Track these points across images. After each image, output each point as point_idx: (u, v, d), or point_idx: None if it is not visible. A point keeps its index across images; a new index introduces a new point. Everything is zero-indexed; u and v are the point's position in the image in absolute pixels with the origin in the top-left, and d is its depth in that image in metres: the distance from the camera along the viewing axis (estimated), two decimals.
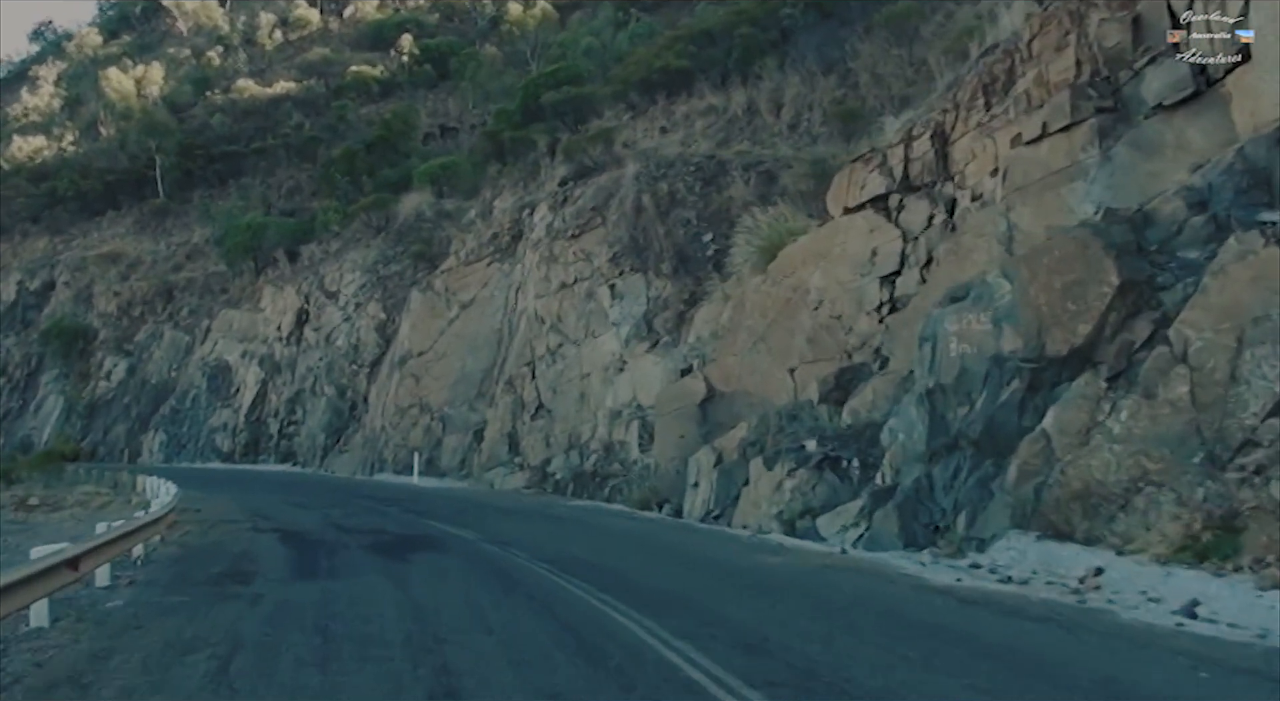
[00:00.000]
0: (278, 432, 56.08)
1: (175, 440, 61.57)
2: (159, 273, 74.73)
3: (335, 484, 39.60)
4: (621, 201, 35.90)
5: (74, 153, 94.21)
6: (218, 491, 33.77)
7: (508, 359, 41.42)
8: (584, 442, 34.01)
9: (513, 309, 42.84)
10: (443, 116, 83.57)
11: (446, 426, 43.65)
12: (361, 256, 57.22)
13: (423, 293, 48.56)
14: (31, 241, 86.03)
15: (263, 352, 59.44)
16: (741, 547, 17.83)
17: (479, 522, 22.34)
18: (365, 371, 51.95)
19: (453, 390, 44.20)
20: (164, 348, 67.42)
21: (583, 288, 36.36)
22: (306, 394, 55.12)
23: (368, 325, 52.83)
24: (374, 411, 49.00)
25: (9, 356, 76.59)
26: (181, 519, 22.98)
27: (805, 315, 24.07)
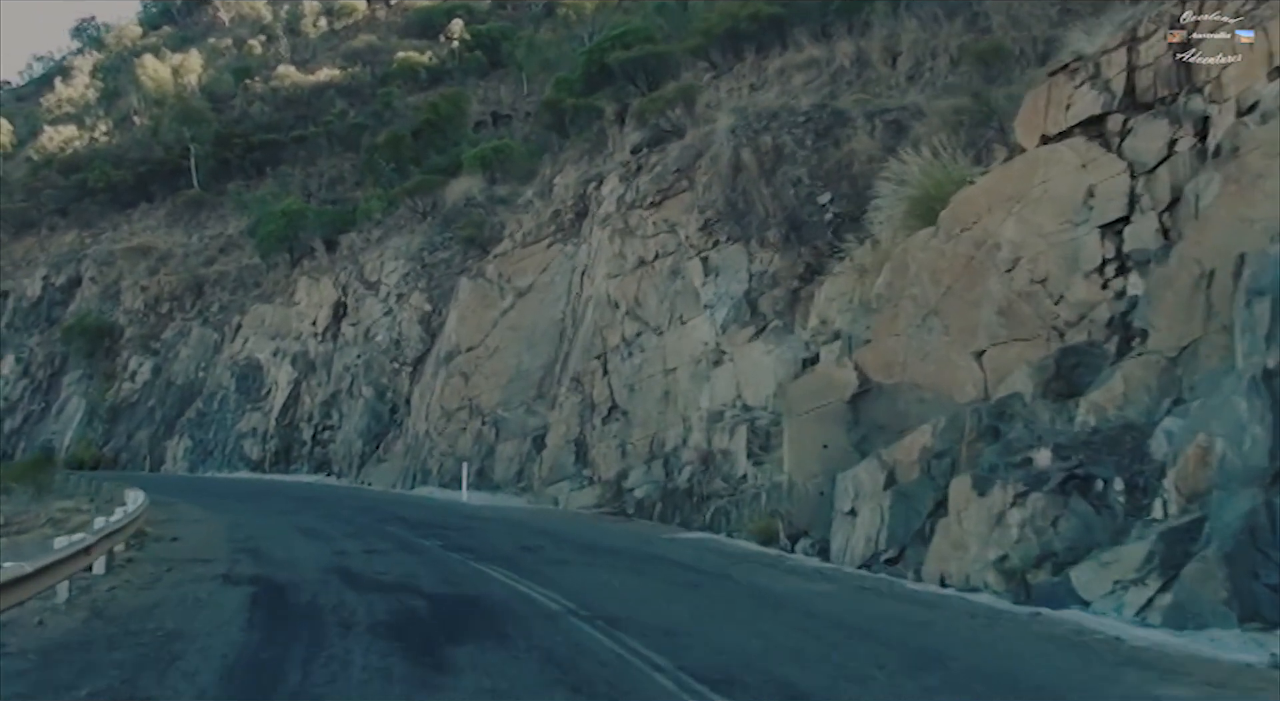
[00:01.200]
0: (311, 439, 50.19)
1: (201, 447, 55.86)
2: (190, 267, 69.34)
3: (369, 500, 33.44)
4: (714, 160, 29.60)
5: (106, 143, 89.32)
6: (225, 509, 27.91)
7: (572, 353, 35.25)
8: (669, 452, 27.72)
9: (577, 295, 36.69)
10: (494, 104, 77.79)
11: (500, 432, 37.51)
12: (405, 243, 51.31)
13: (473, 280, 42.49)
14: (59, 235, 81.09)
15: (296, 350, 53.63)
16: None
17: (558, 571, 15.99)
18: (407, 370, 45.93)
19: (507, 390, 38.07)
20: (191, 346, 61.83)
21: (666, 264, 30.10)
22: (343, 395, 49.21)
23: (411, 318, 46.82)
24: (417, 415, 42.97)
25: (32, 356, 71.45)
26: (143, 553, 17.05)
27: (994, 280, 17.63)
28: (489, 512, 27.95)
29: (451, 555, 17.72)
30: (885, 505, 15.80)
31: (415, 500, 33.39)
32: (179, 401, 59.46)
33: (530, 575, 15.07)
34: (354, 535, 21.12)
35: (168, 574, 15.16)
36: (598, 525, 24.22)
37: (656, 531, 22.40)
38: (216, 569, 15.76)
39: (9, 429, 69.02)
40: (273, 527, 22.44)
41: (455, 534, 21.40)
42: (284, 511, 27.06)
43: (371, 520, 24.75)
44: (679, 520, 23.95)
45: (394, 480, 41.94)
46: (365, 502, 31.58)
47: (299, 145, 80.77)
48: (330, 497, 33.56)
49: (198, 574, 15.26)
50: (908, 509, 15.53)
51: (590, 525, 24.25)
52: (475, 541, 19.98)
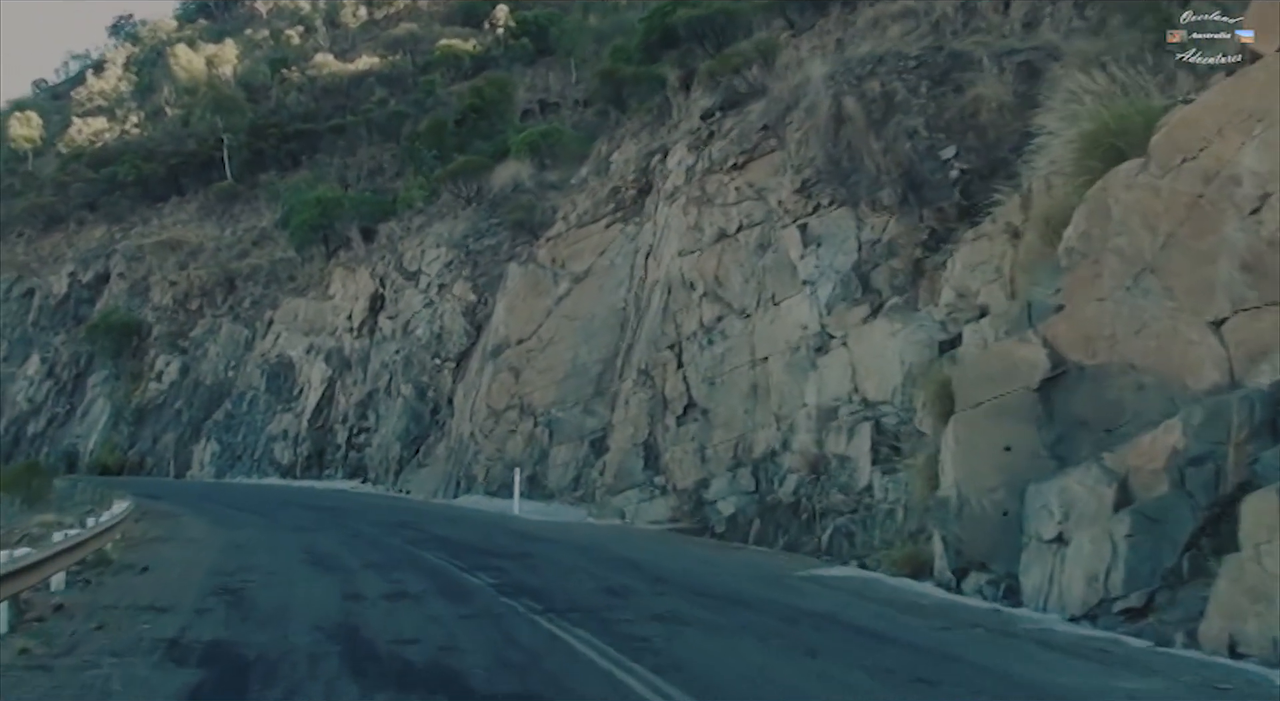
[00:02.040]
0: (345, 442, 46.08)
1: (229, 450, 51.93)
2: (221, 261, 65.58)
3: (405, 512, 29.10)
4: (810, 112, 25.07)
5: (137, 136, 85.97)
6: (234, 523, 23.89)
7: (636, 344, 30.86)
8: (760, 458, 23.27)
9: (641, 279, 32.29)
10: (542, 92, 73.67)
11: (554, 434, 33.17)
12: (448, 230, 47.15)
13: (523, 266, 38.20)
14: (87, 230, 77.66)
15: (330, 346, 49.58)
16: None
17: (675, 640, 10.73)
18: (450, 366, 41.68)
19: (562, 387, 33.73)
20: (220, 343, 57.95)
21: (752, 236, 25.63)
22: (380, 395, 45.06)
23: (454, 309, 42.59)
24: (461, 416, 38.70)
25: (56, 356, 67.89)
26: (86, 594, 12.88)
27: (1234, 224, 13.07)
28: (548, 530, 23.42)
29: (510, 605, 12.78)
30: (1118, 532, 11.24)
31: (459, 512, 28.98)
32: (207, 402, 55.59)
33: (635, 649, 10.05)
34: (379, 566, 16.70)
35: (95, 633, 10.70)
36: (689, 550, 19.54)
37: (772, 562, 17.63)
38: (167, 627, 11.08)
39: (32, 432, 65.56)
40: (279, 551, 18.18)
41: (511, 564, 16.89)
42: (301, 527, 22.77)
43: (404, 541, 20.36)
44: (784, 541, 19.47)
45: (435, 487, 37.71)
46: (401, 516, 27.22)
47: (337, 135, 76.89)
48: (361, 509, 29.27)
49: (136, 636, 10.66)
50: (1155, 537, 10.98)
51: (680, 550, 19.54)
52: (540, 579, 15.38)
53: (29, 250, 78.37)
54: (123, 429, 59.71)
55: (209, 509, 28.73)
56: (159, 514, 27.02)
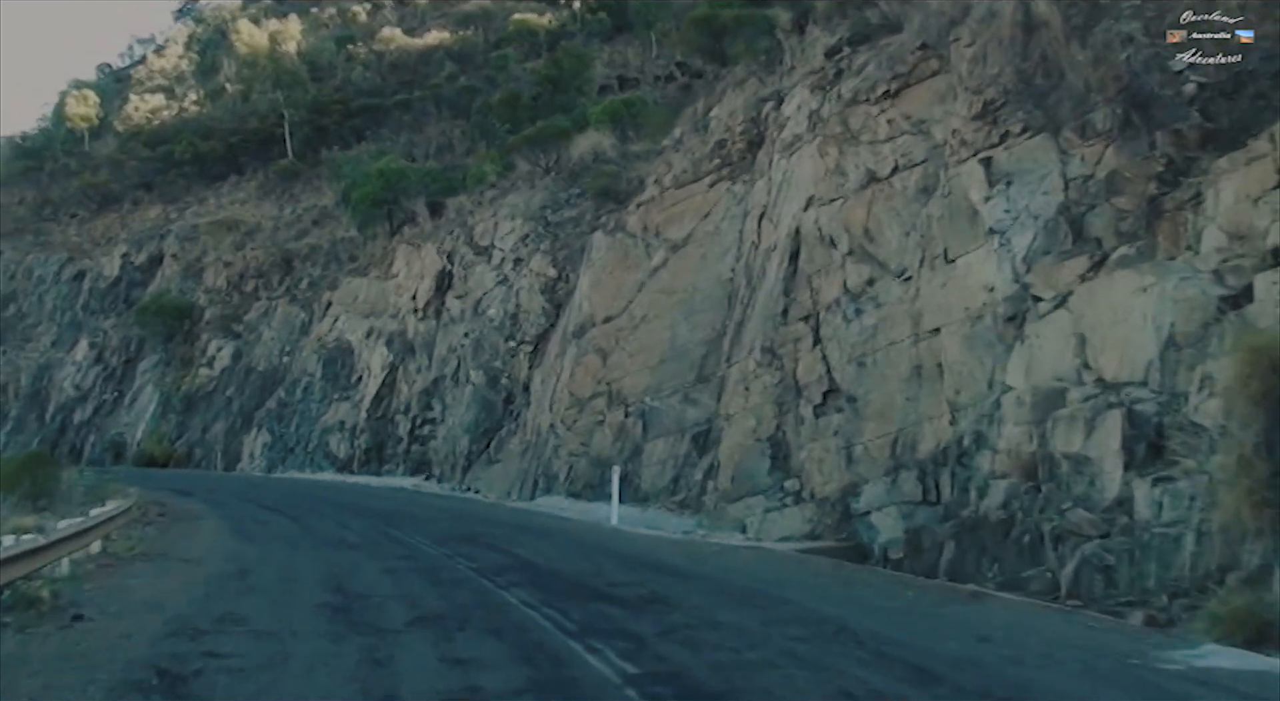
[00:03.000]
0: (408, 434, 41.46)
1: (281, 442, 47.58)
2: (279, 241, 61.43)
3: (474, 519, 23.93)
4: (988, 20, 19.84)
5: (196, 113, 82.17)
6: (257, 535, 19.33)
7: (748, 320, 25.90)
8: (930, 457, 18.20)
9: (754, 245, 27.28)
10: (620, 67, 68.87)
11: (649, 426, 28.25)
12: (523, 201, 42.41)
13: (610, 236, 33.31)
14: (142, 211, 74.05)
15: (392, 329, 45.02)
16: None
17: None
18: (526, 350, 36.89)
19: (658, 372, 28.81)
20: (275, 326, 53.66)
21: (912, 179, 20.51)
22: (446, 382, 40.39)
23: (531, 287, 37.79)
24: (539, 405, 33.91)
25: (105, 340, 64.09)
26: None
27: None
28: (665, 551, 17.94)
29: None
30: None
31: (542, 521, 23.76)
32: (259, 390, 51.30)
33: None
34: (437, 622, 11.08)
35: None
36: (888, 595, 14.01)
37: (1065, 626, 11.49)
38: None
39: (79, 420, 61.86)
40: (295, 586, 13.17)
41: (646, 626, 10.97)
42: (341, 541, 17.56)
43: (476, 569, 14.84)
44: (996, 575, 14.23)
45: (508, 487, 32.95)
46: (470, 525, 22.12)
47: (403, 110, 72.60)
48: (421, 514, 24.34)
49: None
50: None
51: (883, 597, 13.79)
52: (711, 666, 9.26)
53: (81, 231, 74.89)
54: (171, 418, 55.67)
55: (239, 510, 24.16)
56: (178, 515, 22.49)
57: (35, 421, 64.05)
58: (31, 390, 65.42)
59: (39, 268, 72.98)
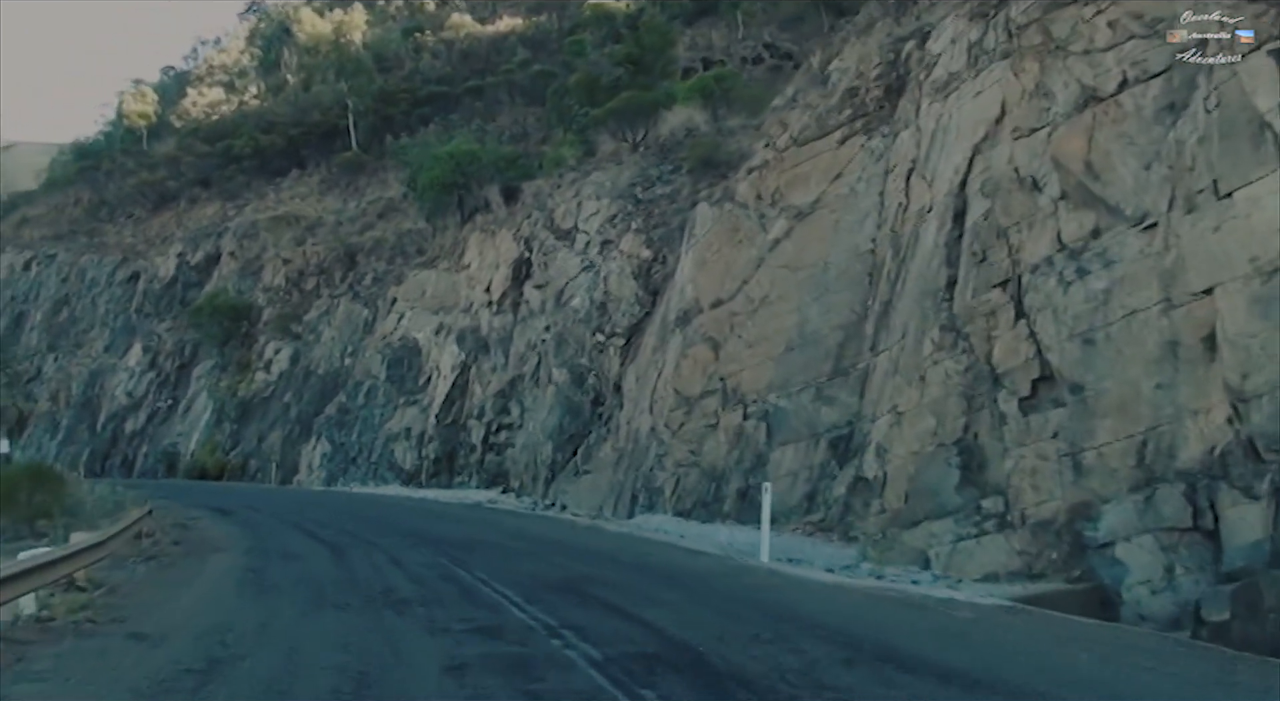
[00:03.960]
0: (482, 442, 36.72)
1: (342, 452, 43.08)
2: (341, 235, 57.17)
3: (571, 553, 17.78)
4: None
5: (256, 107, 78.48)
6: (278, 580, 13.62)
7: (899, 296, 21.01)
8: (1209, 466, 13.06)
9: (901, 206, 22.26)
10: (704, 50, 64.00)
11: (774, 429, 23.24)
12: (610, 179, 37.65)
13: (716, 207, 28.37)
14: (199, 209, 70.39)
15: (464, 325, 40.35)
16: None
17: None
18: (617, 343, 32.00)
19: (784, 364, 23.80)
20: (336, 325, 49.24)
21: (1150, 93, 15.34)
22: (525, 383, 35.61)
23: (621, 271, 32.92)
24: (634, 407, 29.04)
25: (159, 344, 60.18)
26: None
27: None
28: (891, 621, 11.82)
29: None
30: None
31: (662, 556, 17.40)
32: (318, 395, 46.89)
33: None
34: None
35: None
36: None
37: None
38: None
39: (130, 430, 57.99)
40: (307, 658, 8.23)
41: None
42: (383, 598, 11.48)
43: (599, 666, 8.63)
44: None
45: (600, 502, 28.10)
46: (565, 562, 16.10)
47: (474, 97, 68.39)
48: (500, 544, 18.84)
49: None
50: None
51: None
52: None
53: (136, 231, 71.43)
54: (225, 426, 51.49)
55: (274, 537, 19.42)
56: (195, 545, 17.86)
57: (86, 431, 60.37)
58: (83, 398, 61.76)
59: (92, 270, 69.59)
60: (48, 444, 61.72)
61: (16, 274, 74.79)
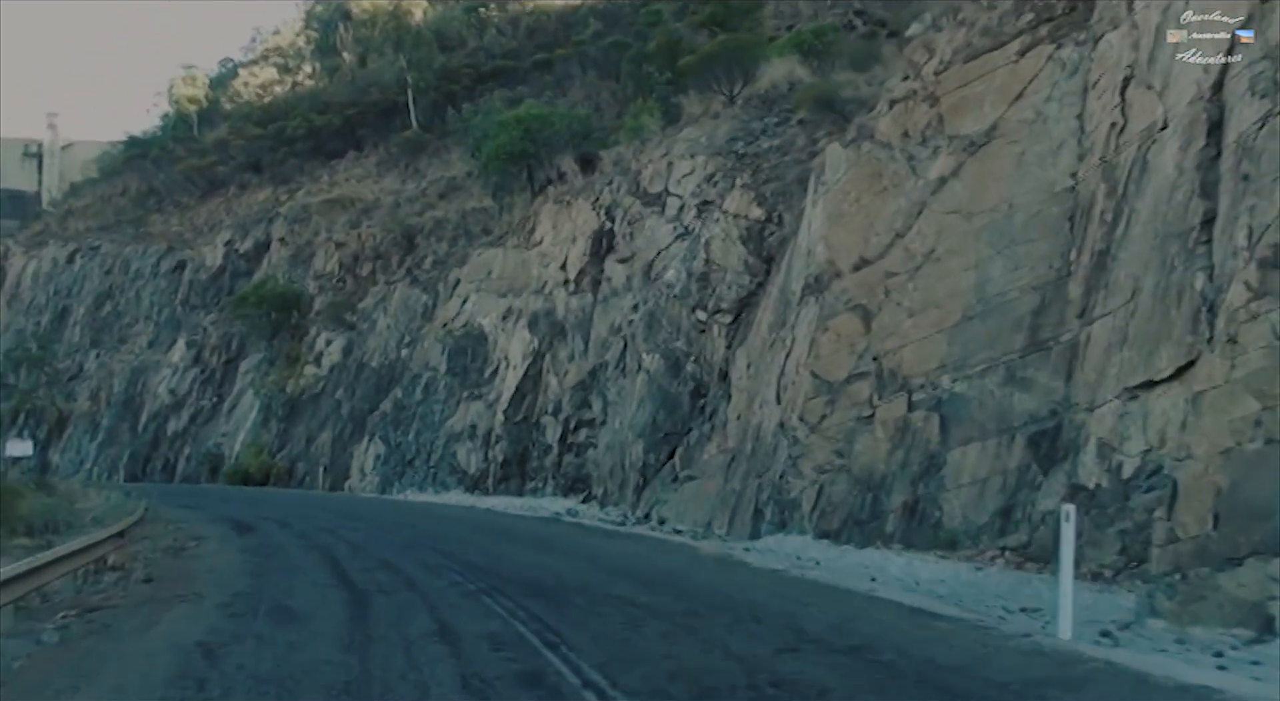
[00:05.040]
0: (558, 442, 31.35)
1: (397, 454, 37.91)
2: (400, 217, 52.11)
3: (714, 619, 10.17)
4: None
5: (311, 87, 73.90)
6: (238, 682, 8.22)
7: (1121, 242, 15.38)
8: None
9: (1115, 127, 16.49)
10: (790, 18, 58.17)
11: (950, 423, 17.56)
12: (705, 134, 32.16)
13: (852, 148, 22.62)
14: (249, 194, 65.75)
15: (536, 308, 34.99)
16: None
17: None
18: (722, 322, 26.41)
19: (960, 336, 18.13)
20: (392, 313, 44.13)
21: None
22: (609, 372, 30.19)
23: (726, 235, 27.30)
24: (748, 397, 23.45)
25: (205, 338, 55.49)
26: None
27: None
28: None
29: None
30: None
31: (890, 628, 9.50)
32: (372, 390, 41.80)
33: None
34: None
35: None
36: None
37: None
38: None
39: (173, 431, 53.33)
40: None
41: None
42: None
43: None
44: None
45: (708, 514, 22.54)
46: (735, 644, 9.16)
47: (542, 71, 63.09)
48: (603, 591, 12.49)
49: None
50: None
51: None
52: None
53: (183, 220, 66.95)
54: (272, 426, 46.59)
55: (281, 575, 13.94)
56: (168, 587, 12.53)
57: (128, 432, 55.88)
58: (124, 397, 57.25)
59: (136, 261, 65.18)
60: (87, 446, 57.42)
61: (60, 267, 70.68)
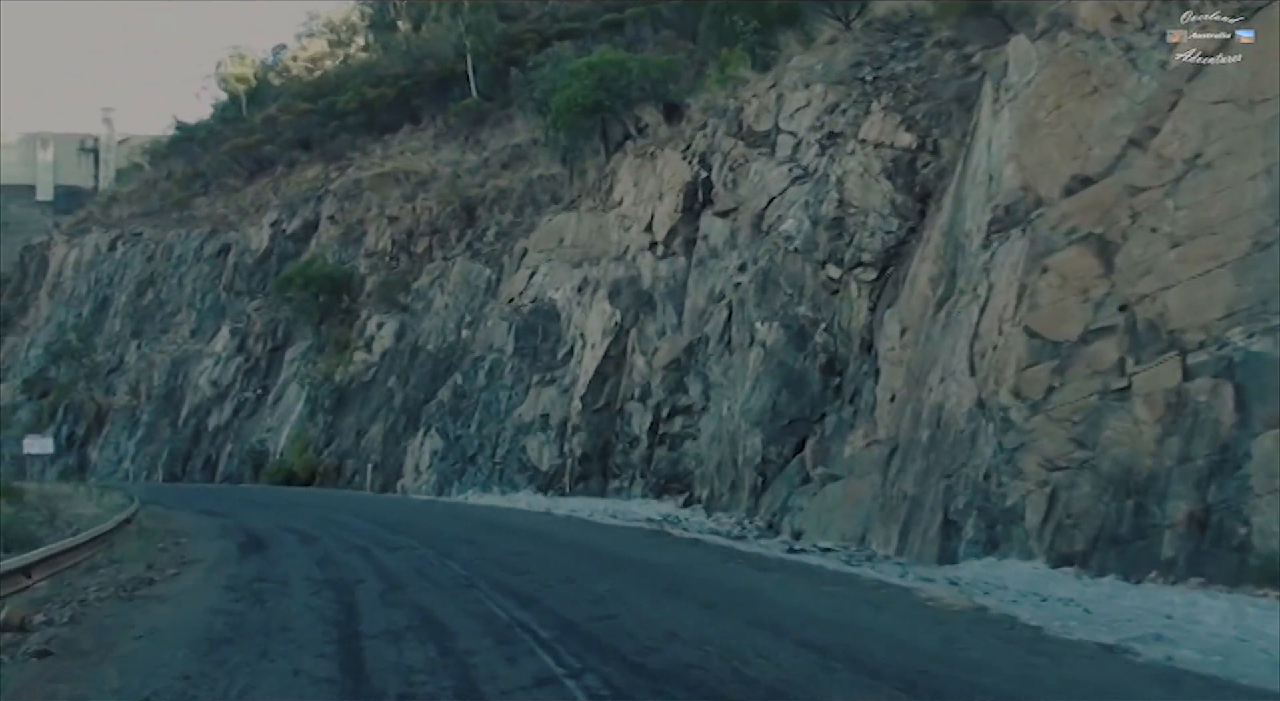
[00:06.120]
0: (648, 433, 26.00)
1: (457, 448, 32.76)
2: (459, 188, 46.97)
3: None
4: None
5: (364, 60, 69.16)
6: None
7: None
8: None
9: None
10: None
11: (1249, 394, 11.88)
12: (821, 61, 26.63)
13: (1044, 42, 17.01)
14: (298, 173, 61.00)
15: (617, 277, 29.65)
16: None
17: None
18: (865, 278, 20.81)
19: (1251, 271, 12.44)
20: (450, 290, 39.03)
21: None
22: (710, 348, 24.75)
23: (866, 170, 21.66)
24: (902, 373, 17.92)
25: (249, 325, 50.74)
26: None
27: None
28: None
29: None
30: None
31: None
32: (428, 378, 36.73)
33: None
34: None
35: None
36: None
37: None
38: None
39: (214, 425, 48.63)
40: None
41: None
42: None
43: None
44: None
45: (862, 527, 17.02)
46: None
47: (613, 32, 57.58)
48: None
49: None
50: None
51: None
52: None
53: (229, 202, 62.31)
54: (319, 419, 41.64)
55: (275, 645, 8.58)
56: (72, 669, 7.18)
57: (168, 428, 51.39)
58: (164, 390, 52.71)
59: (179, 245, 60.72)
60: (125, 444, 52.97)
61: (101, 255, 66.45)
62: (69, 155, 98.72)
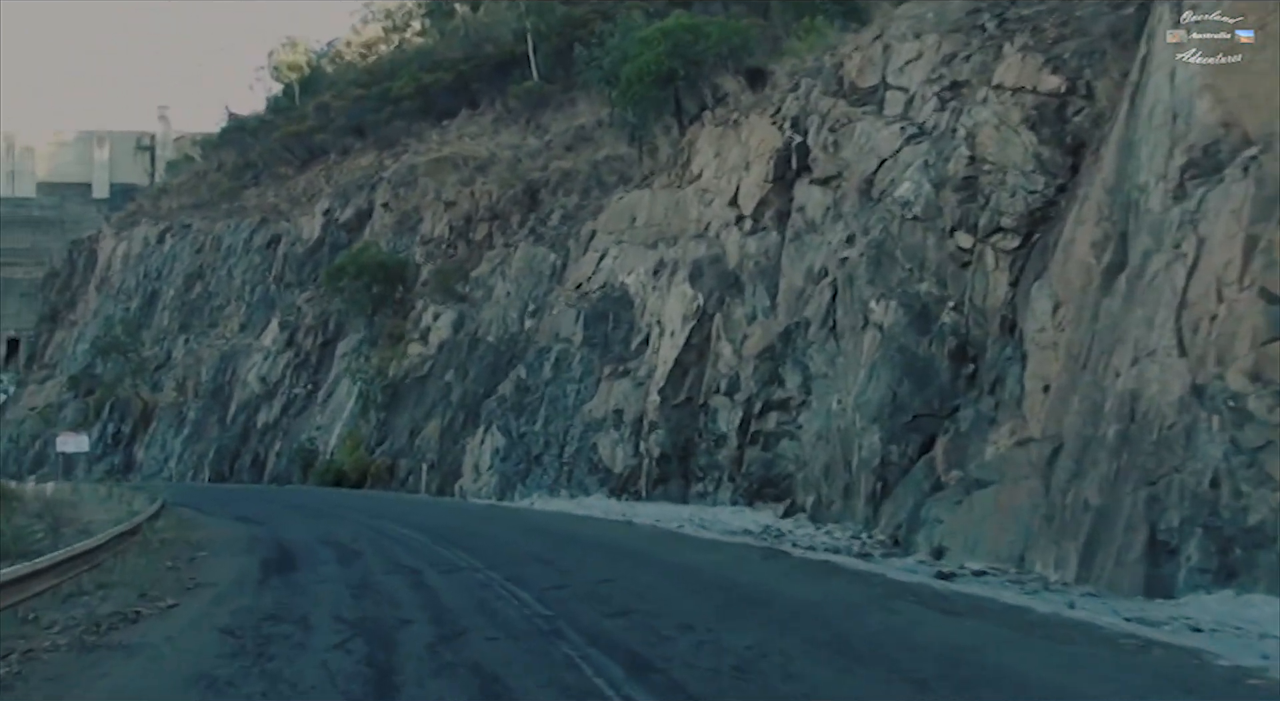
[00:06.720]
0: (737, 431, 22.99)
1: (521, 447, 29.94)
2: (520, 172, 44.17)
3: None
4: None
5: (420, 45, 66.71)
6: None
7: None
8: None
9: None
10: None
11: None
12: (931, 10, 23.37)
13: None
14: (351, 160, 58.53)
15: (698, 257, 26.65)
16: None
17: None
18: (1004, 247, 17.59)
19: None
20: (513, 277, 36.20)
21: None
22: (810, 333, 21.66)
23: (1002, 121, 18.41)
24: (1059, 356, 14.74)
25: (299, 318, 48.27)
26: None
27: None
28: None
29: None
30: None
31: None
32: (488, 371, 33.94)
33: None
34: None
35: None
36: None
37: None
38: None
39: (263, 423, 46.18)
40: None
41: None
42: None
43: None
44: None
45: (1020, 544, 13.94)
46: None
47: (680, 7, 54.62)
48: None
49: None
50: None
51: None
52: None
53: (280, 191, 59.99)
54: (371, 416, 39.00)
55: None
56: None
57: (216, 425, 49.10)
58: (212, 386, 50.43)
59: (229, 237, 58.44)
60: (172, 442, 50.72)
61: (150, 248, 64.46)
62: (125, 153, 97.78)
